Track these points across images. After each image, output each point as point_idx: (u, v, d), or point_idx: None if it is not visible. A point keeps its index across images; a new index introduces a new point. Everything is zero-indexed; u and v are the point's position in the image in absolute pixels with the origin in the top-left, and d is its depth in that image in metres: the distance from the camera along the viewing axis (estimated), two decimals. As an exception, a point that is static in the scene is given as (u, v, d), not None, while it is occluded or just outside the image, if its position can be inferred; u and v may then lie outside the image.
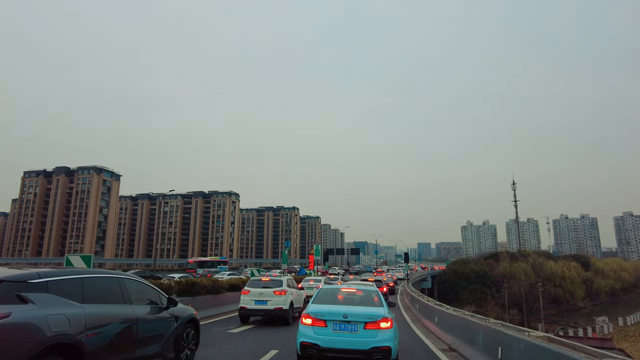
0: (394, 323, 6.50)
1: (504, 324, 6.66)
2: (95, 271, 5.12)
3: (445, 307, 11.28)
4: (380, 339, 6.07)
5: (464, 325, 8.02)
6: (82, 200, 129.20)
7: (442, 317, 10.30)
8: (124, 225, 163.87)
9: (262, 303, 12.20)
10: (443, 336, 9.64)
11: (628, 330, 59.54)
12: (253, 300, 12.28)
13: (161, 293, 6.03)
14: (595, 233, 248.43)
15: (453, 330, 8.81)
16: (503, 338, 5.69)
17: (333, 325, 6.22)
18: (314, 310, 6.50)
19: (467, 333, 7.68)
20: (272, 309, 12.13)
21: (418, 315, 15.14)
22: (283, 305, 12.22)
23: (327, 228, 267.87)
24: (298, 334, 6.45)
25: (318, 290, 7.71)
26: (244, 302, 12.38)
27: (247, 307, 12.27)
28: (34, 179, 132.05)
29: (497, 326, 6.34)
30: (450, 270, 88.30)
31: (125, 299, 5.11)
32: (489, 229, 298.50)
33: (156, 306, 5.71)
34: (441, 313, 10.49)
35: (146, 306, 5.50)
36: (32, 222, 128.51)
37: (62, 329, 3.89)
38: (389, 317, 6.43)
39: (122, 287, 5.17)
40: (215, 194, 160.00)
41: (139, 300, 5.43)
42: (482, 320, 7.46)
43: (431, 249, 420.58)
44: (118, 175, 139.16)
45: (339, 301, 7.29)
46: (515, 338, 5.24)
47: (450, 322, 9.16)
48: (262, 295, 12.32)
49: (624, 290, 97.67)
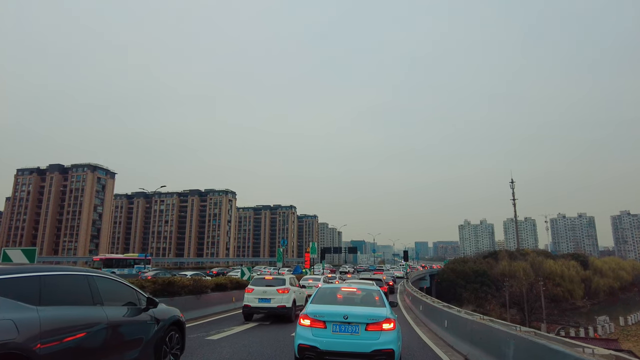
0: (397, 324, 6.18)
1: (540, 334, 5.27)
2: (59, 268, 4.36)
3: (455, 309, 9.91)
4: (383, 341, 5.78)
5: (485, 333, 6.62)
6: (76, 199, 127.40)
7: (453, 322, 8.90)
8: (119, 224, 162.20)
9: (265, 301, 12.51)
10: (455, 344, 8.22)
11: (629, 330, 58.59)
12: (257, 299, 12.57)
13: (140, 293, 5.41)
14: (592, 232, 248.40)
15: (470, 339, 7.40)
16: (548, 355, 4.28)
17: (333, 326, 5.95)
18: (312, 310, 6.21)
19: (490, 343, 6.30)
20: (276, 306, 12.43)
21: (422, 317, 13.77)
22: (286, 303, 12.53)
23: (324, 227, 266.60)
24: (296, 336, 6.14)
25: (317, 290, 7.38)
26: (247, 300, 12.66)
27: (251, 305, 12.55)
28: (27, 176, 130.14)
29: (535, 337, 4.93)
30: (448, 269, 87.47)
31: (96, 299, 4.46)
32: (487, 228, 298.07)
33: (134, 307, 5.11)
34: (452, 317, 9.07)
35: (121, 307, 4.89)
36: (25, 221, 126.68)
37: (6, 338, 3.22)
38: (391, 318, 6.10)
39: (91, 286, 4.51)
40: (211, 192, 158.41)
41: (113, 300, 4.79)
42: (509, 327, 6.06)
43: (428, 248, 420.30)
44: (113, 173, 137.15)
45: (339, 301, 6.97)
46: (571, 357, 3.86)
47: (467, 328, 7.70)
48: (265, 293, 12.61)
49: (622, 289, 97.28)
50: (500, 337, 5.94)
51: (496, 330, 6.00)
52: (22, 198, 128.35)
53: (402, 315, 15.12)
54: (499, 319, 9.09)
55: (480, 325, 6.92)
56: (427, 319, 12.51)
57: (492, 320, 7.01)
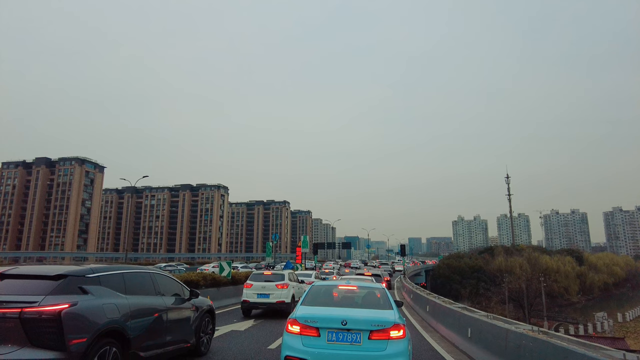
0: (406, 331, 5.00)
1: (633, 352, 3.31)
2: (133, 267, 5.69)
3: (479, 313, 7.88)
4: (391, 352, 4.70)
5: (546, 354, 4.46)
6: (63, 193, 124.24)
7: (482, 331, 6.92)
8: (109, 219, 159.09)
9: (264, 296, 12.40)
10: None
11: (628, 326, 57.62)
12: (255, 294, 12.45)
13: (184, 286, 6.57)
14: (585, 228, 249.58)
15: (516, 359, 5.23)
16: None
17: (328, 334, 4.87)
18: (303, 314, 5.10)
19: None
20: (275, 302, 12.34)
21: (430, 320, 11.76)
22: (285, 299, 12.41)
23: (318, 223, 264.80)
24: (282, 346, 5.07)
25: (309, 288, 6.14)
26: (246, 295, 12.52)
27: (249, 301, 12.40)
28: (12, 170, 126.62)
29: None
30: (444, 264, 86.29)
31: (157, 291, 5.72)
32: (480, 224, 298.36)
33: (180, 298, 6.26)
34: (479, 324, 7.01)
35: (172, 297, 6.04)
36: (10, 216, 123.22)
37: (113, 316, 4.54)
38: (400, 323, 4.95)
39: (153, 280, 5.77)
40: (203, 187, 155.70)
41: (167, 292, 5.98)
42: (586, 347, 4.06)
43: (422, 244, 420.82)
44: (102, 166, 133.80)
45: (335, 302, 5.81)
46: None
47: (508, 341, 5.50)
48: (264, 288, 12.50)
49: (616, 285, 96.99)
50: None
51: (571, 353, 3.96)
52: (8, 192, 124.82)
53: (405, 316, 13.24)
54: (500, 316, 7.28)
55: (537, 342, 4.72)
56: (438, 323, 10.49)
57: (548, 333, 5.02)
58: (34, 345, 3.77)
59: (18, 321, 3.78)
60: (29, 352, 3.73)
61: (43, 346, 3.80)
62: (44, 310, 3.87)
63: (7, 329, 3.78)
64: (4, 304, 3.91)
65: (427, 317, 12.45)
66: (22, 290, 4.13)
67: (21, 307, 3.86)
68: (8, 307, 3.87)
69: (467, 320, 7.79)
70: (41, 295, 4.01)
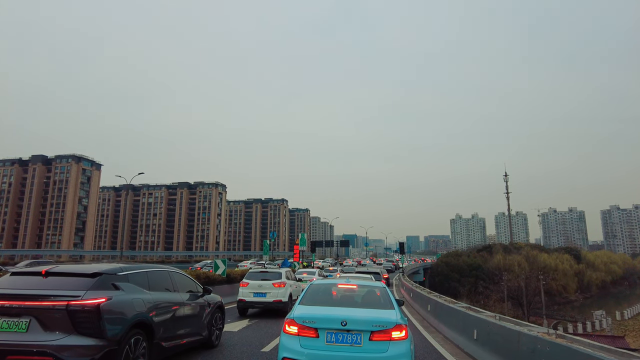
0: (409, 332, 4.85)
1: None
2: (154, 266, 6.20)
3: (485, 313, 7.48)
4: (393, 354, 4.53)
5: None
6: (60, 190, 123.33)
7: (490, 333, 6.50)
8: (106, 217, 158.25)
9: (261, 295, 12.16)
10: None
11: (627, 324, 57.32)
12: (252, 293, 12.23)
13: (197, 284, 7.22)
14: (582, 226, 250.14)
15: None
16: None
17: (327, 335, 4.71)
18: (301, 314, 4.93)
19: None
20: (271, 301, 12.11)
21: (431, 319, 11.33)
22: (282, 298, 12.18)
23: (316, 220, 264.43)
24: (279, 347, 4.92)
25: (308, 286, 5.96)
26: (242, 294, 12.28)
27: (245, 300, 12.20)
28: (8, 167, 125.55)
29: None
30: (442, 262, 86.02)
31: (174, 287, 6.29)
32: (478, 222, 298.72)
33: (194, 294, 6.86)
34: (486, 326, 6.60)
35: (187, 294, 6.62)
36: (6, 214, 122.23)
37: (141, 310, 5.08)
38: (402, 324, 4.79)
39: (171, 278, 6.35)
40: (201, 184, 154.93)
41: (183, 289, 6.56)
42: (608, 352, 3.60)
43: (420, 242, 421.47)
44: (99, 164, 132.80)
45: (335, 301, 5.61)
46: None
47: (520, 345, 5.05)
48: (261, 287, 12.28)
49: (614, 283, 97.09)
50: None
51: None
52: (4, 190, 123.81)
53: (405, 316, 12.79)
54: (507, 316, 6.99)
55: (554, 347, 4.25)
56: (440, 323, 10.06)
57: (566, 337, 4.58)
58: (78, 332, 4.32)
59: (65, 312, 4.33)
60: (76, 338, 4.30)
61: (86, 334, 4.34)
62: (86, 303, 4.42)
63: (56, 318, 4.33)
64: (52, 297, 4.42)
65: (428, 317, 12.04)
66: (66, 286, 4.63)
67: (67, 300, 4.41)
68: (57, 300, 4.40)
69: (472, 320, 7.36)
70: (82, 290, 4.54)
